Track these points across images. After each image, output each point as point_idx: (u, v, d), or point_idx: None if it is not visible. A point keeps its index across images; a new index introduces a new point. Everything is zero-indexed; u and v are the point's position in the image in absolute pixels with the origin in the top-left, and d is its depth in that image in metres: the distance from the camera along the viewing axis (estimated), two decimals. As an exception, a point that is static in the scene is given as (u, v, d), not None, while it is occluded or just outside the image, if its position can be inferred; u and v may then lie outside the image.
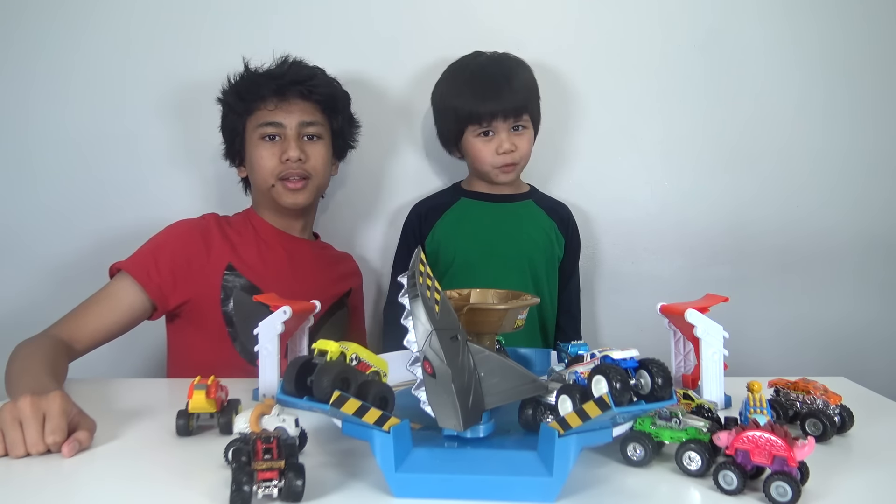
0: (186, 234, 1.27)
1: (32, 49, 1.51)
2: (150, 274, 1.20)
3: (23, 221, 1.53)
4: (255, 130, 1.30)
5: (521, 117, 1.37)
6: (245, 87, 1.31)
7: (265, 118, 1.29)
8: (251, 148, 1.31)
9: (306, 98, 1.31)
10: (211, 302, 1.25)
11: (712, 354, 0.90)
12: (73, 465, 0.76)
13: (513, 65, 1.40)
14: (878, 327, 1.62)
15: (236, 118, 1.33)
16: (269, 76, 1.30)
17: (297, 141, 1.29)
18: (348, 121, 1.41)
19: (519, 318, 0.90)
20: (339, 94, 1.38)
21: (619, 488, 0.69)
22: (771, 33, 1.56)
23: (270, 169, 1.29)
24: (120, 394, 1.01)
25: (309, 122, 1.31)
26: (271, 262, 1.32)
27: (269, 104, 1.29)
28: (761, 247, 1.60)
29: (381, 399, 0.72)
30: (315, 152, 1.31)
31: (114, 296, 1.19)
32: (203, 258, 1.26)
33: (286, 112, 1.29)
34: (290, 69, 1.31)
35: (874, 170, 1.60)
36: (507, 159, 1.37)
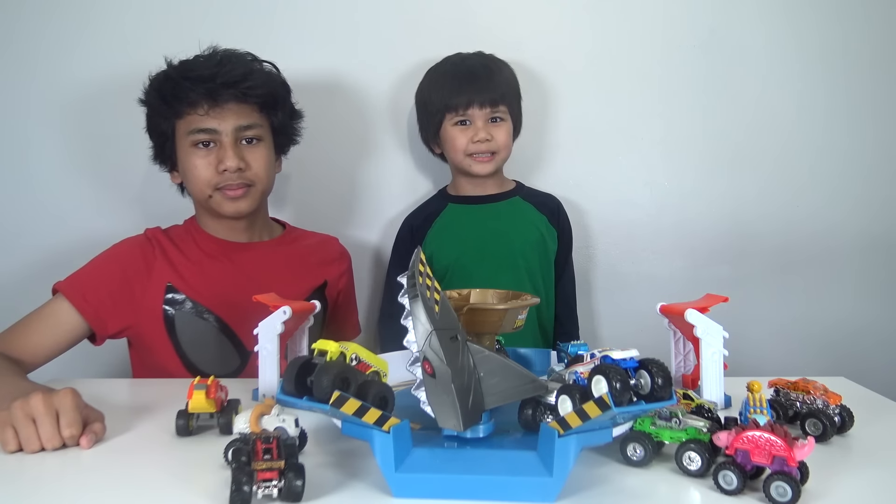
0: (126, 256, 1.21)
1: (31, 48, 1.51)
2: (86, 298, 1.14)
3: (19, 218, 1.53)
4: (187, 137, 1.18)
5: (498, 107, 1.38)
6: (170, 90, 1.17)
7: (196, 124, 1.17)
8: (183, 155, 1.20)
9: (242, 100, 1.18)
10: (154, 326, 1.19)
11: (712, 354, 0.90)
12: (73, 464, 0.76)
13: (492, 61, 1.42)
14: (878, 327, 1.62)
15: (163, 121, 1.21)
16: (198, 78, 1.15)
17: (235, 147, 1.17)
18: (289, 114, 1.29)
19: (519, 318, 0.90)
20: (277, 90, 1.25)
21: (619, 488, 0.69)
22: (771, 33, 1.56)
23: (206, 179, 1.18)
24: (120, 394, 1.01)
25: (246, 125, 1.19)
26: (214, 276, 1.23)
27: (199, 108, 1.16)
28: (761, 247, 1.60)
29: (381, 399, 0.72)
30: (255, 157, 1.20)
31: (52, 316, 1.14)
32: (142, 281, 1.19)
33: (220, 118, 1.16)
34: (222, 67, 1.17)
35: (874, 170, 1.60)
36: (483, 147, 1.38)
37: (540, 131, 1.47)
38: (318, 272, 1.34)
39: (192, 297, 1.20)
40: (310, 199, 1.58)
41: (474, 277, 1.40)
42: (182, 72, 1.18)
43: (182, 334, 1.20)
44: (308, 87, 1.43)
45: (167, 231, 1.28)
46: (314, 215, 1.56)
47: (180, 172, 1.24)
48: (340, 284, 1.40)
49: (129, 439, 0.83)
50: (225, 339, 1.22)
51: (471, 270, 1.41)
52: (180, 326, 1.20)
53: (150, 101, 1.22)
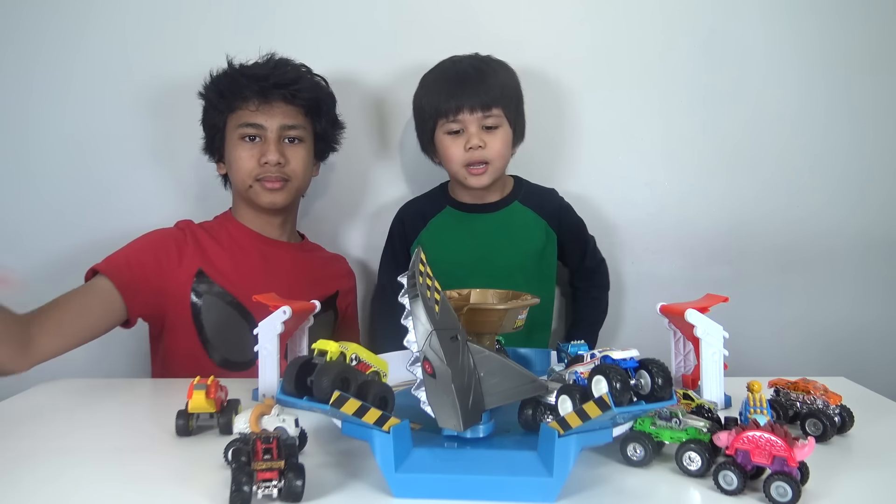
0: (159, 242, 1.26)
1: (30, 47, 1.51)
2: (123, 276, 1.18)
3: (21, 217, 1.53)
4: (236, 130, 1.28)
5: (491, 111, 1.30)
6: (227, 85, 1.28)
7: (246, 118, 1.27)
8: (230, 147, 1.30)
9: (289, 101, 1.28)
10: (181, 309, 1.24)
11: (712, 354, 0.90)
12: (73, 465, 0.76)
13: (486, 62, 1.35)
14: (878, 327, 1.62)
15: (217, 114, 1.30)
16: (253, 76, 1.26)
17: (278, 144, 1.27)
18: (331, 123, 1.39)
19: (519, 318, 0.90)
20: (323, 97, 1.35)
21: (619, 488, 0.69)
22: (771, 33, 1.56)
23: (248, 170, 1.27)
24: (120, 394, 1.01)
25: (290, 125, 1.29)
26: (245, 266, 1.30)
27: (250, 104, 1.26)
28: (761, 247, 1.60)
29: (381, 399, 0.72)
30: (295, 155, 1.30)
31: (89, 296, 1.16)
32: (174, 265, 1.24)
33: (268, 114, 1.27)
34: (275, 70, 1.28)
35: (874, 170, 1.59)
36: (476, 156, 1.30)
37: (540, 132, 1.47)
38: (331, 283, 1.42)
39: (221, 284, 1.26)
40: (309, 201, 1.58)
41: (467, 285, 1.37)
42: (240, 70, 1.29)
43: (207, 319, 1.25)
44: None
45: (200, 224, 1.35)
46: (313, 215, 1.57)
47: (226, 163, 1.33)
48: (348, 300, 1.47)
49: (129, 439, 0.83)
50: (247, 327, 1.25)
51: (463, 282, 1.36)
52: (206, 311, 1.25)
53: (208, 94, 1.32)
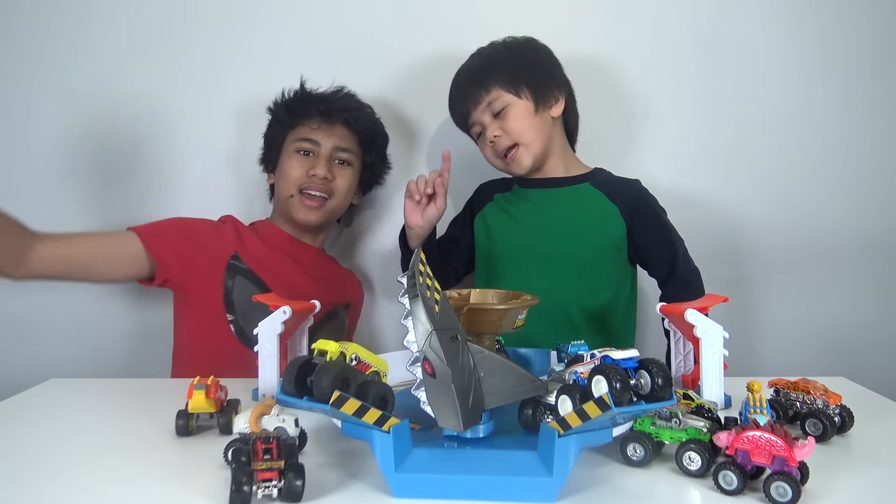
0: (200, 224, 1.35)
1: (33, 46, 1.51)
2: (157, 240, 1.25)
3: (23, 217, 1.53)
4: (293, 143, 1.36)
5: (484, 99, 1.26)
6: (296, 104, 1.37)
7: (305, 134, 1.36)
8: (285, 158, 1.38)
9: (348, 126, 1.37)
10: (212, 283, 1.29)
11: (712, 354, 0.90)
12: (73, 464, 0.76)
13: (480, 55, 1.32)
14: (877, 327, 1.62)
15: (280, 129, 1.39)
16: (321, 98, 1.36)
17: (329, 162, 1.35)
18: (381, 158, 1.47)
19: (519, 317, 0.90)
20: (378, 131, 1.44)
21: (619, 488, 0.69)
22: (771, 33, 1.56)
23: (296, 179, 1.34)
24: (120, 394, 1.01)
25: (343, 147, 1.37)
26: (275, 260, 1.37)
27: (312, 123, 1.35)
28: (761, 247, 1.60)
29: (381, 399, 0.72)
30: (342, 175, 1.37)
31: (116, 238, 1.24)
32: (212, 242, 1.32)
33: (326, 134, 1.35)
34: (342, 98, 1.38)
35: (874, 169, 1.59)
36: (500, 146, 1.27)
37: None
38: (346, 294, 1.48)
39: (253, 268, 1.33)
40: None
41: (521, 266, 1.32)
42: (308, 93, 1.38)
43: (238, 298, 1.31)
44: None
45: (240, 221, 1.42)
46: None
47: (277, 174, 1.40)
48: (357, 313, 1.54)
49: (129, 439, 0.83)
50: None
51: (518, 258, 1.32)
52: (237, 292, 1.31)
53: (276, 110, 1.40)
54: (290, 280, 1.35)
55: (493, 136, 1.27)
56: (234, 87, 1.53)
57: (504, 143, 1.28)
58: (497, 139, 1.27)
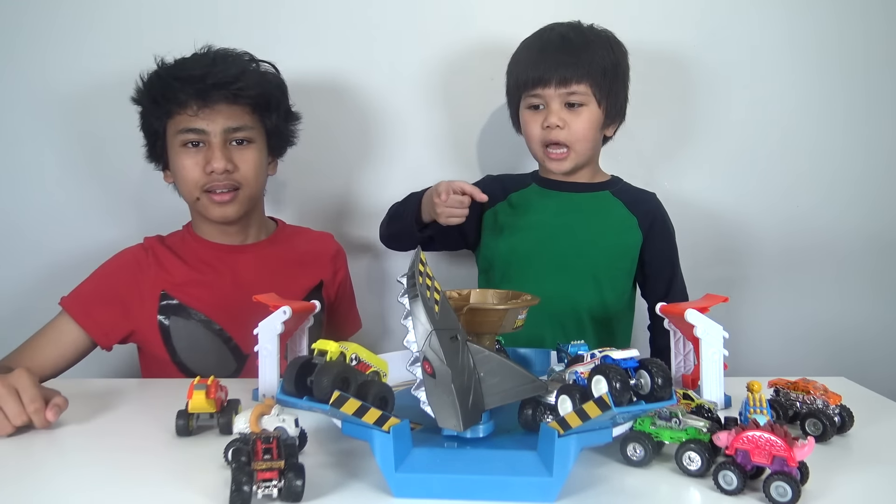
0: (123, 267, 1.23)
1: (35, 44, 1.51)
2: (88, 313, 1.18)
3: (24, 217, 1.53)
4: (176, 136, 1.18)
5: (573, 87, 1.20)
6: (160, 91, 1.16)
7: (185, 124, 1.16)
8: (173, 154, 1.20)
9: (233, 102, 1.17)
10: (151, 332, 1.21)
11: (712, 354, 0.90)
12: (73, 464, 0.76)
13: (583, 32, 1.25)
14: (878, 327, 1.62)
15: (154, 120, 1.21)
16: (188, 78, 1.14)
17: (223, 149, 1.17)
18: (284, 117, 1.27)
19: (519, 318, 0.90)
20: (271, 90, 1.23)
21: (619, 488, 0.69)
22: (771, 33, 1.56)
23: (195, 180, 1.18)
24: (120, 394, 1.01)
25: (236, 126, 1.18)
26: (209, 280, 1.24)
27: (188, 109, 1.15)
28: (761, 247, 1.60)
29: (381, 399, 0.72)
30: (244, 159, 1.19)
31: (56, 332, 1.17)
32: (138, 290, 1.21)
33: (209, 119, 1.16)
34: (213, 67, 1.15)
35: (874, 169, 1.60)
36: (553, 136, 1.21)
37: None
38: (314, 272, 1.34)
39: (186, 302, 1.21)
40: (309, 199, 1.58)
41: (532, 269, 1.29)
42: (172, 71, 1.17)
43: (178, 340, 1.21)
44: (307, 88, 1.43)
45: (165, 238, 1.29)
46: (313, 214, 1.56)
47: (172, 173, 1.24)
48: (338, 280, 1.39)
49: (129, 439, 0.83)
50: (220, 343, 1.22)
51: (531, 260, 1.29)
52: (175, 332, 1.21)
53: (141, 100, 1.22)
54: (231, 296, 1.20)
55: (554, 122, 1.21)
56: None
57: (559, 137, 1.22)
58: (557, 128, 1.22)
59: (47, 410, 0.83)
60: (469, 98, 1.56)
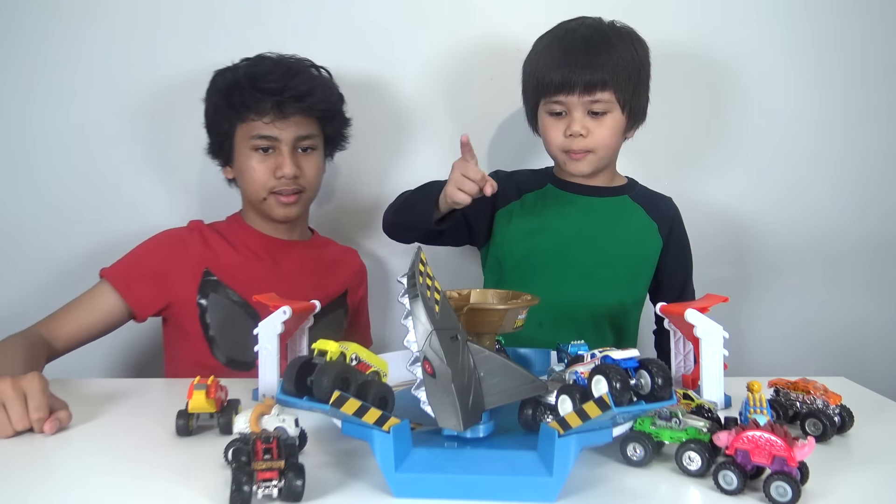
0: (168, 243, 1.28)
1: (36, 47, 1.51)
2: (129, 283, 1.22)
3: (27, 218, 1.53)
4: (248, 140, 1.25)
5: (597, 95, 1.16)
6: (239, 98, 1.23)
7: (259, 130, 1.24)
8: (242, 157, 1.27)
9: (305, 114, 1.26)
10: (188, 307, 1.25)
11: (712, 354, 0.90)
12: (73, 464, 0.76)
13: (606, 33, 1.19)
14: (878, 327, 1.62)
15: (225, 121, 1.27)
16: (268, 90, 1.22)
17: (292, 155, 1.25)
18: (342, 124, 1.37)
19: (519, 318, 0.90)
20: (336, 103, 1.33)
21: (619, 488, 0.69)
22: (770, 33, 1.56)
23: (263, 183, 1.26)
24: (120, 394, 1.01)
25: (305, 135, 1.27)
26: (253, 267, 1.29)
27: (265, 117, 1.23)
28: (761, 247, 1.60)
29: (381, 399, 0.72)
30: (309, 165, 1.29)
31: (94, 300, 1.21)
32: (181, 264, 1.26)
33: (282, 127, 1.24)
34: (290, 82, 1.23)
35: (874, 170, 1.60)
36: (577, 144, 1.19)
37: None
38: (341, 280, 1.40)
39: (227, 282, 1.26)
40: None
41: (552, 273, 1.25)
42: (252, 81, 1.23)
43: (213, 317, 1.25)
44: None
45: (211, 224, 1.35)
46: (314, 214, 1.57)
47: (235, 170, 1.31)
48: (358, 295, 1.46)
49: (129, 439, 0.83)
50: (253, 326, 1.23)
51: (550, 265, 1.25)
52: (212, 309, 1.25)
53: (214, 101, 1.28)
54: (271, 287, 1.20)
55: (577, 131, 1.18)
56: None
57: (583, 145, 1.19)
58: (580, 137, 1.19)
59: (47, 423, 0.82)
60: (475, 94, 1.56)
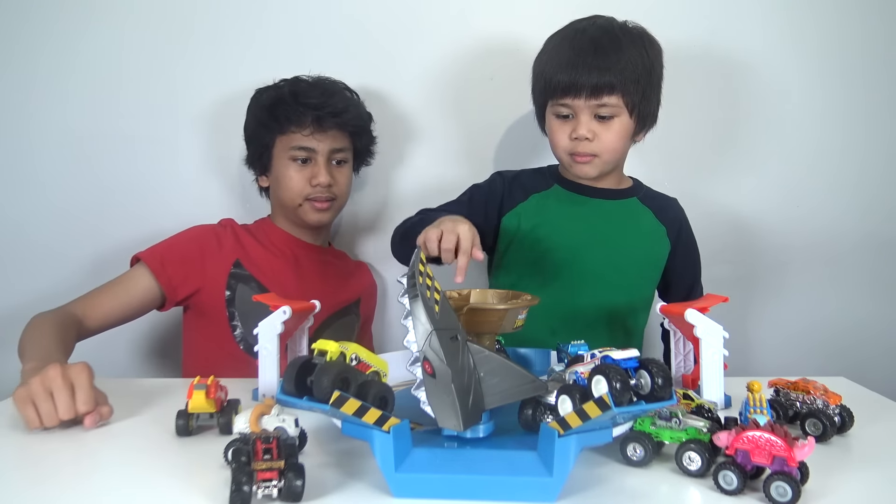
0: (202, 235, 1.36)
1: (36, 46, 1.51)
2: (163, 265, 1.28)
3: (29, 220, 1.53)
4: (287, 151, 1.34)
5: (604, 99, 1.13)
6: (283, 111, 1.33)
7: (299, 142, 1.33)
8: (280, 166, 1.36)
9: (340, 129, 1.36)
10: (216, 294, 1.31)
11: (712, 354, 0.90)
12: (73, 464, 0.76)
13: (616, 35, 1.16)
14: (878, 327, 1.62)
15: (266, 132, 1.36)
16: (310, 105, 1.32)
17: (327, 166, 1.35)
18: (370, 141, 1.47)
19: (519, 318, 0.90)
20: (366, 120, 1.43)
21: (619, 488, 0.69)
22: (771, 32, 1.56)
23: (299, 190, 1.34)
24: (120, 394, 1.01)
25: (339, 148, 1.37)
26: (278, 265, 1.37)
27: (304, 130, 1.32)
28: (761, 247, 1.60)
29: (381, 399, 0.72)
30: (342, 176, 1.38)
31: (129, 281, 1.27)
32: (214, 253, 1.33)
33: (319, 140, 1.33)
34: (329, 99, 1.34)
35: (874, 169, 1.59)
36: (582, 147, 1.17)
37: (537, 133, 1.46)
38: (355, 290, 1.48)
39: (256, 276, 1.34)
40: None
41: (561, 279, 1.23)
42: (295, 97, 1.32)
43: (240, 306, 1.32)
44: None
45: (241, 225, 1.42)
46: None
47: (272, 179, 1.39)
48: (370, 307, 1.54)
49: (130, 439, 0.83)
50: None
51: (562, 271, 1.23)
52: (239, 298, 1.32)
53: (257, 115, 1.37)
54: (293, 283, 1.36)
55: (583, 135, 1.16)
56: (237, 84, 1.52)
57: (589, 149, 1.17)
58: (586, 141, 1.16)
59: (87, 418, 0.84)
60: (475, 94, 1.55)
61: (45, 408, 0.83)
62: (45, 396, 0.83)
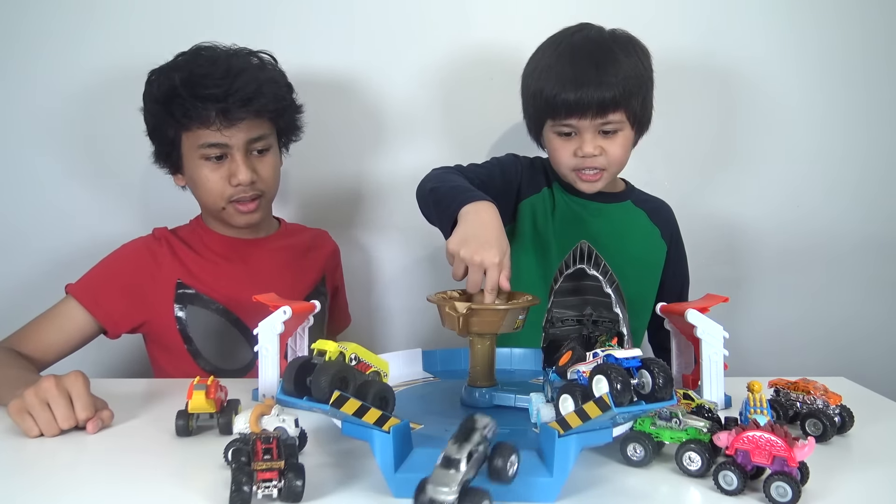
0: (135, 257, 1.22)
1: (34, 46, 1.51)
2: (97, 301, 1.17)
3: (22, 217, 1.53)
4: (196, 149, 1.17)
5: (610, 115, 1.12)
6: (180, 108, 1.13)
7: (207, 139, 1.15)
8: (192, 167, 1.19)
9: (254, 117, 1.17)
10: (166, 322, 1.21)
11: (712, 354, 0.90)
12: (73, 464, 0.76)
13: (611, 49, 1.15)
14: (878, 327, 1.62)
15: (168, 129, 1.18)
16: (210, 97, 1.11)
17: (246, 160, 1.17)
18: (293, 115, 1.27)
19: (519, 318, 0.90)
20: (285, 97, 1.23)
21: (619, 488, 0.69)
22: (771, 32, 1.56)
23: (219, 192, 1.18)
24: (120, 394, 1.01)
25: (257, 137, 1.18)
26: (224, 272, 1.25)
27: (211, 126, 1.14)
28: (761, 247, 1.60)
29: (381, 399, 0.72)
30: (265, 166, 1.21)
31: (61, 317, 1.16)
32: (153, 277, 1.21)
33: (231, 134, 1.15)
34: (233, 83, 1.13)
35: (874, 169, 1.60)
36: (589, 163, 1.15)
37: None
38: (317, 266, 1.36)
39: (203, 291, 1.22)
40: (308, 196, 1.58)
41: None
42: (191, 88, 1.12)
43: (194, 329, 1.22)
44: (310, 84, 1.43)
45: (175, 230, 1.29)
46: (313, 212, 1.57)
47: (188, 180, 1.23)
48: (336, 276, 1.44)
49: (129, 439, 0.83)
50: (237, 333, 1.23)
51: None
52: (192, 321, 1.21)
53: (153, 110, 1.18)
54: (247, 287, 1.14)
55: (590, 152, 1.13)
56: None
57: (598, 164, 1.15)
58: (594, 158, 1.14)
59: (90, 423, 0.83)
60: (476, 94, 1.55)
61: (43, 417, 0.81)
62: (42, 407, 0.82)
